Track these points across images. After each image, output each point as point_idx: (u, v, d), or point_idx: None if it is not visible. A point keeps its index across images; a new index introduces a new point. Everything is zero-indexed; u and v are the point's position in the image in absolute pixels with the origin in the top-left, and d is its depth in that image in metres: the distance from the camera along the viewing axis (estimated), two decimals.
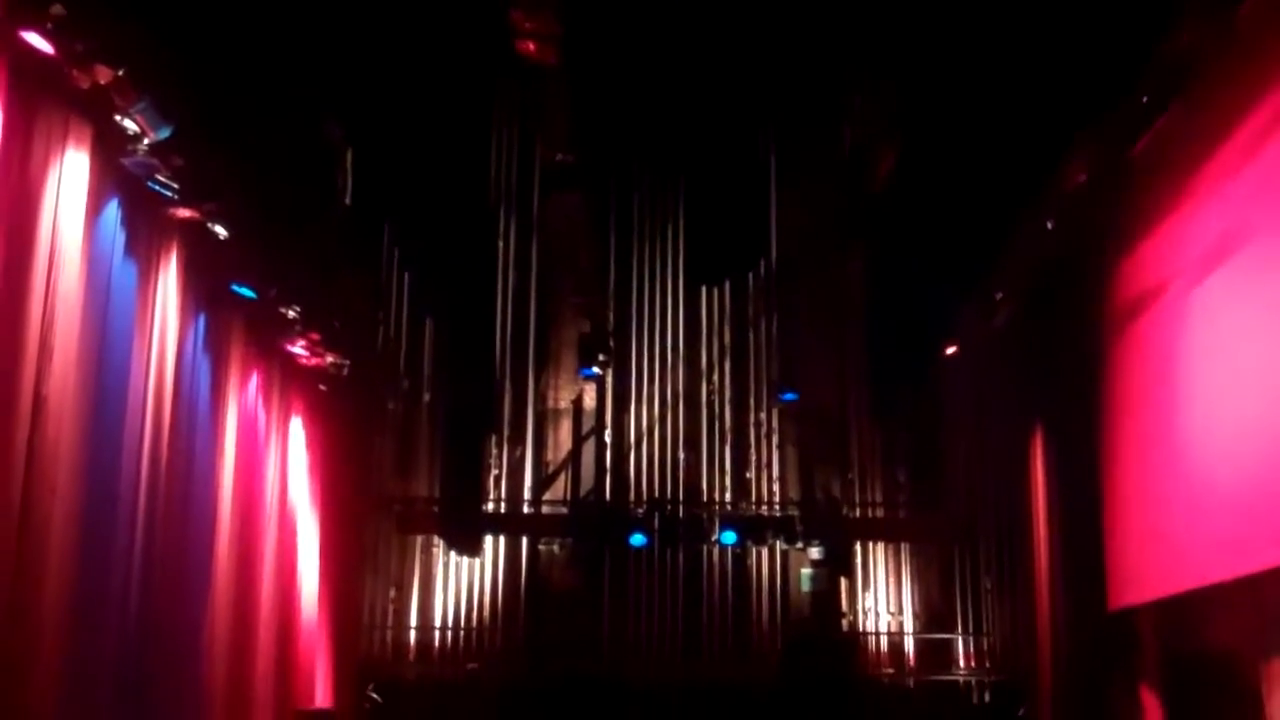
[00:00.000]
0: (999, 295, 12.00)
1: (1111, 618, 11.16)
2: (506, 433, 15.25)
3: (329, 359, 11.35)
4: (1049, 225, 10.73)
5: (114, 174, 7.84)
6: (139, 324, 8.28)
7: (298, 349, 11.09)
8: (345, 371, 11.63)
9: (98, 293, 7.62)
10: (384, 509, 14.59)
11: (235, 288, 9.83)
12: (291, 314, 10.52)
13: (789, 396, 15.14)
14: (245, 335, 10.32)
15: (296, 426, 11.75)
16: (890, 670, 14.66)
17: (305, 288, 10.63)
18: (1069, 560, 11.94)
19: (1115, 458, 11.13)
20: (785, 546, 14.87)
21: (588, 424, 15.52)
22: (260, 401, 10.79)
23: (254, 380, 10.64)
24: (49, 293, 6.99)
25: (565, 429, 15.54)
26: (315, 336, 10.92)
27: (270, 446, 10.98)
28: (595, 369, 14.93)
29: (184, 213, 8.65)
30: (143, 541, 8.20)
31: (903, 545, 15.10)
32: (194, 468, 9.18)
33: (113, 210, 7.90)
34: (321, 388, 11.96)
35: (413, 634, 14.70)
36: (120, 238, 8.00)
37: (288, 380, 11.40)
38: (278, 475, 11.14)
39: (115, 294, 7.89)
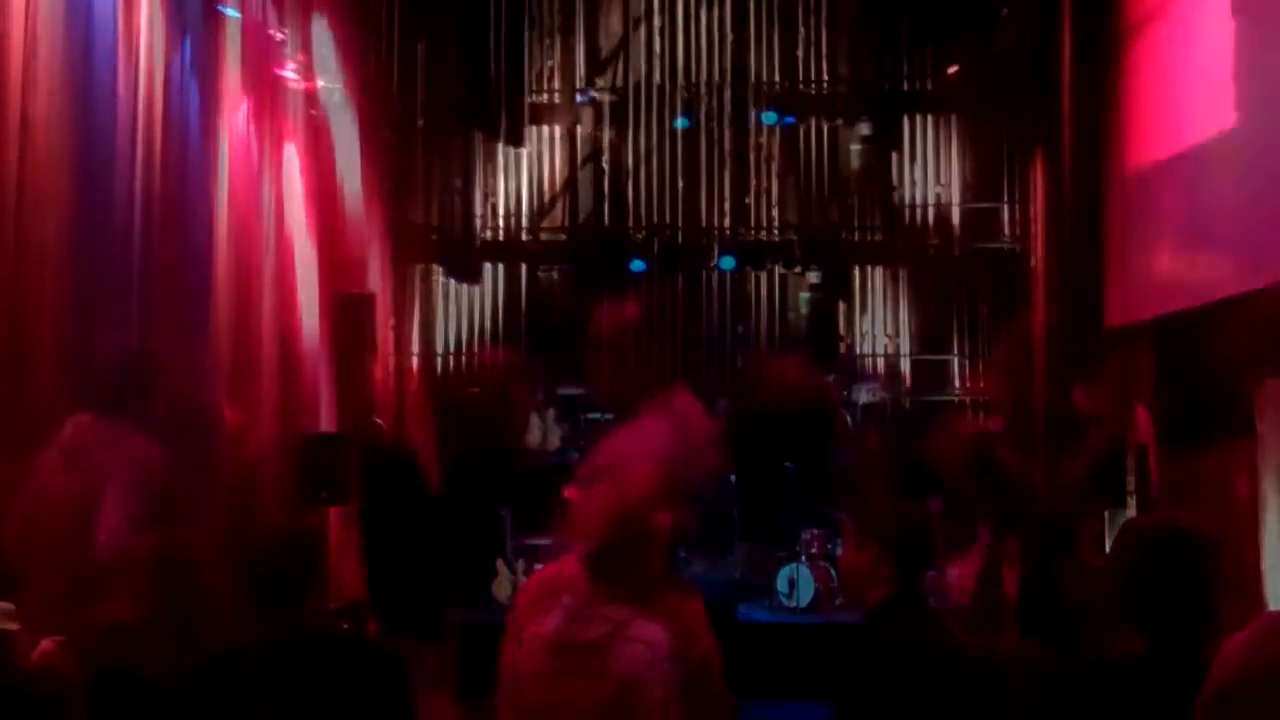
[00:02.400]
0: (1004, 11, 11.72)
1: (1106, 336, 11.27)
2: (503, 161, 15.12)
3: (320, 82, 11.14)
4: None
5: None
6: (124, 46, 8.04)
7: (288, 72, 10.86)
8: (337, 96, 11.43)
9: (78, 13, 7.40)
10: (381, 236, 14.52)
11: (221, 8, 9.58)
12: (280, 36, 10.29)
13: (789, 120, 14.93)
14: (234, 58, 10.08)
15: (290, 153, 11.58)
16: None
17: (292, 7, 10.37)
18: (1066, 283, 11.99)
19: (1117, 178, 11.06)
20: (784, 271, 14.93)
21: (584, 150, 15.37)
22: (252, 127, 10.61)
23: (244, 106, 10.44)
24: (29, 14, 6.79)
25: (562, 155, 15.39)
26: (304, 59, 10.70)
27: (264, 172, 10.84)
28: (592, 93, 14.69)
29: None
30: (139, 272, 8.15)
31: (900, 271, 15.12)
32: (188, 194, 9.03)
33: None
34: (313, 113, 11.75)
35: (415, 360, 14.87)
36: None
37: (279, 105, 11.18)
38: (273, 202, 11.02)
39: (97, 15, 7.65)
